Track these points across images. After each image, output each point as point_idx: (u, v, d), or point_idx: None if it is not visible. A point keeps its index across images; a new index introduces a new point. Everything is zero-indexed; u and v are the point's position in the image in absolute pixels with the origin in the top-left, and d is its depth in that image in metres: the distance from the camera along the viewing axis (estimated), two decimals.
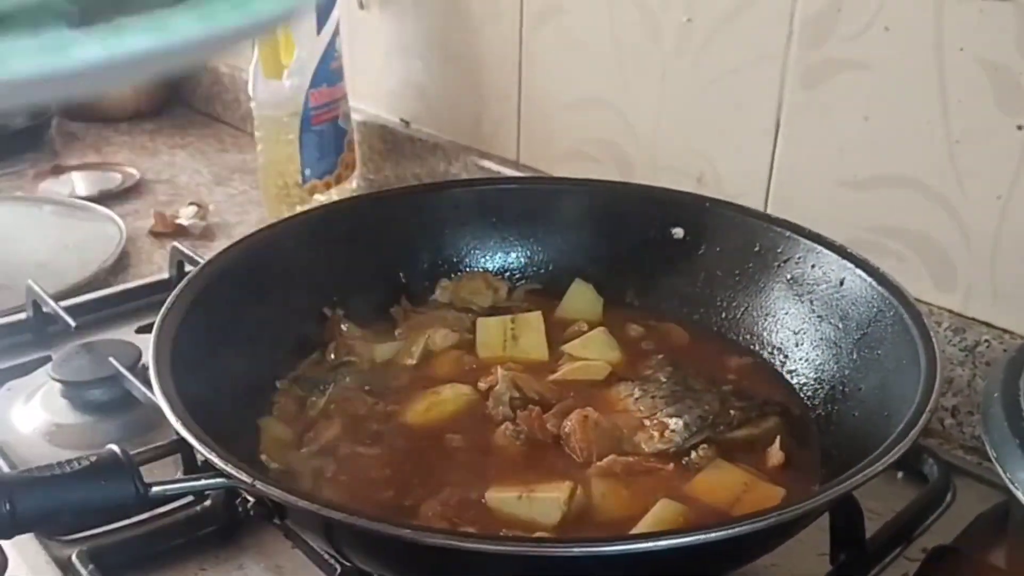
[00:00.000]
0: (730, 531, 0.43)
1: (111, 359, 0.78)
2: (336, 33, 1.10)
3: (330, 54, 1.10)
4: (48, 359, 0.82)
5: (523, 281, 0.83)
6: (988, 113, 0.71)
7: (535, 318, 0.76)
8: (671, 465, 0.61)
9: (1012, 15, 0.68)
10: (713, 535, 0.42)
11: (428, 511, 0.57)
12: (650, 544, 0.42)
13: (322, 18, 1.07)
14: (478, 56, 1.11)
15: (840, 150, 0.81)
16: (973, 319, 0.77)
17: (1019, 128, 0.70)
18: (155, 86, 1.56)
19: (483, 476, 0.60)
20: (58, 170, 1.33)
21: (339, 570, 0.58)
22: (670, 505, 0.57)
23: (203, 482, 0.50)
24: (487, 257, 0.83)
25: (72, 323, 0.86)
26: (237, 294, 0.69)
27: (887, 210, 0.79)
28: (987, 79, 0.71)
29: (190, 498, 0.67)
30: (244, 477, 0.46)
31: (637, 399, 0.66)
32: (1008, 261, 0.74)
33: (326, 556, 0.61)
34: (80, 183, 1.31)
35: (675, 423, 0.63)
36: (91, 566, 0.61)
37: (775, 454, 0.61)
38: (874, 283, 0.65)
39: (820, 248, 0.70)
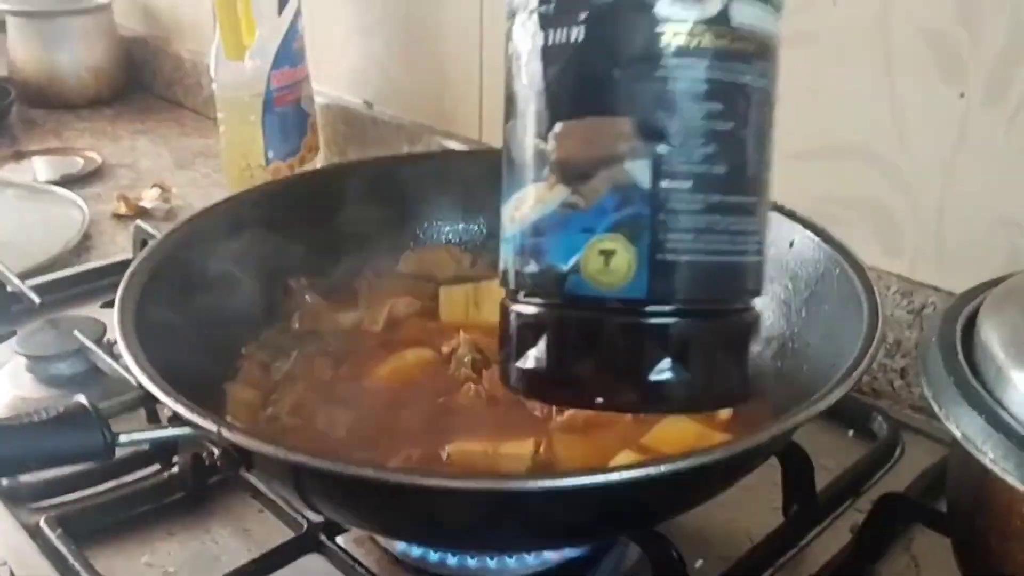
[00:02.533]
0: (681, 464, 0.45)
1: (76, 333, 0.79)
2: (298, 13, 1.11)
3: (292, 34, 1.10)
4: (13, 335, 0.82)
5: (485, 252, 0.85)
6: (931, 82, 0.74)
7: (496, 286, 0.77)
8: (628, 417, 0.63)
9: None
10: (666, 468, 0.44)
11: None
12: (608, 477, 0.44)
13: None
14: (440, 37, 1.13)
15: (790, 121, 0.83)
16: (920, 283, 0.79)
17: (961, 96, 0.73)
18: (115, 71, 1.56)
19: (447, 434, 0.62)
20: (19, 156, 1.33)
21: (306, 527, 0.60)
22: (631, 456, 0.59)
23: (170, 431, 0.51)
24: (449, 227, 0.84)
25: (37, 300, 0.86)
26: (200, 264, 0.69)
27: (836, 180, 0.82)
28: (930, 49, 0.74)
29: (157, 465, 0.68)
30: (209, 425, 0.47)
31: None
32: (952, 226, 0.77)
33: (294, 514, 0.62)
34: (42, 168, 1.31)
35: None
36: (59, 531, 0.61)
37: (723, 411, 0.63)
38: (821, 242, 0.67)
39: (771, 213, 0.72)
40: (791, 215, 0.71)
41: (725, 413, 0.63)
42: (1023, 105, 0.70)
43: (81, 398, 0.49)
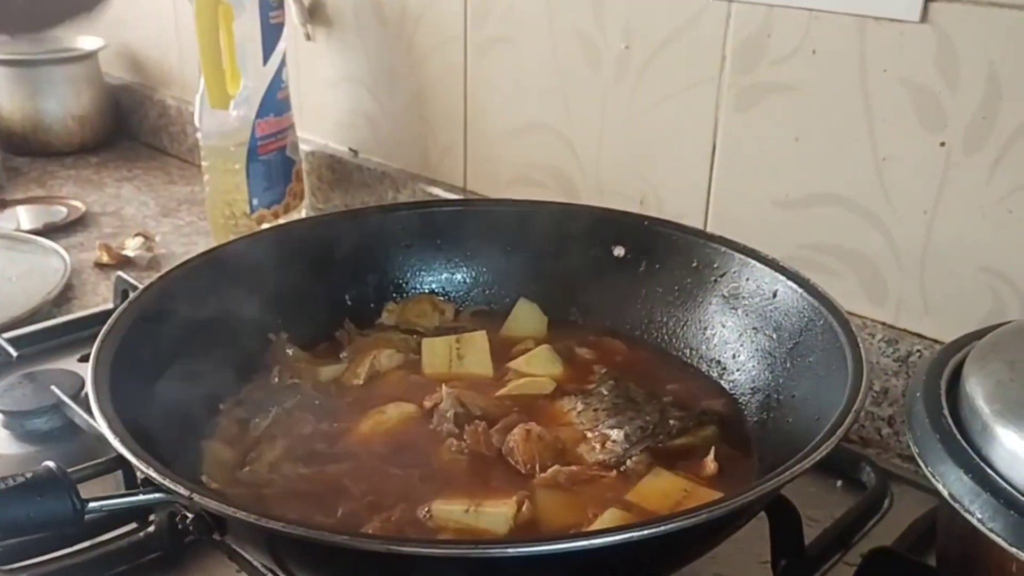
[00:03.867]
0: (665, 527, 0.44)
1: (53, 388, 0.78)
2: (283, 63, 1.11)
3: (277, 84, 1.10)
4: None
5: (469, 303, 0.84)
6: (912, 131, 0.74)
7: (480, 337, 0.77)
8: (613, 473, 0.62)
9: (930, 37, 0.72)
10: (649, 531, 0.43)
11: (370, 529, 0.57)
12: (590, 542, 0.43)
13: (268, 48, 1.08)
14: (424, 85, 1.13)
15: (773, 170, 0.83)
16: (905, 330, 0.79)
17: (941, 145, 0.73)
18: (101, 119, 1.56)
19: (429, 491, 0.60)
20: (2, 204, 1.32)
21: None
22: (618, 514, 0.58)
23: (141, 497, 0.50)
24: (432, 279, 0.84)
25: (14, 354, 0.85)
26: (179, 317, 0.69)
27: (820, 227, 0.82)
28: (909, 99, 0.74)
29: (133, 525, 0.66)
30: (182, 490, 0.46)
31: (580, 412, 0.67)
32: (935, 273, 0.76)
33: None
34: (24, 217, 1.30)
35: (616, 434, 0.64)
36: None
37: (710, 464, 0.63)
38: (805, 293, 0.67)
39: (754, 262, 0.72)
40: (774, 264, 0.71)
41: (710, 469, 0.63)
42: (1003, 154, 0.70)
43: (50, 463, 0.48)
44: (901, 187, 0.76)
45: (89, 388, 0.55)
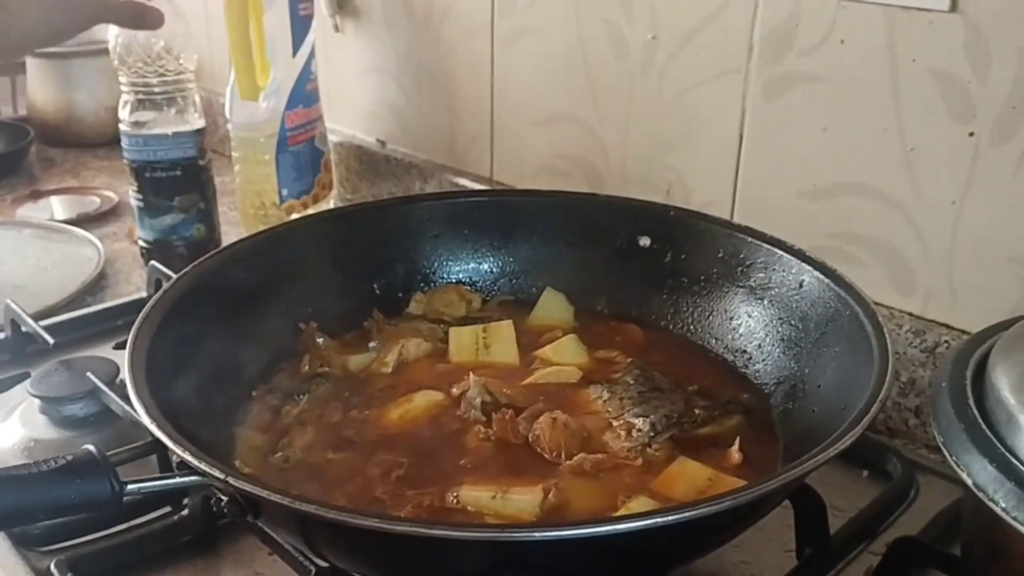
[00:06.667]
0: (691, 513, 0.44)
1: (89, 374, 0.79)
2: (312, 55, 1.12)
3: (306, 76, 1.12)
4: (27, 376, 0.83)
5: (495, 292, 0.85)
6: (940, 121, 0.74)
7: (506, 326, 0.78)
8: (639, 461, 0.62)
9: (960, 26, 0.71)
10: (675, 517, 0.44)
11: (400, 514, 0.58)
12: (617, 527, 0.44)
13: (298, 40, 1.09)
14: (451, 76, 1.14)
15: (801, 160, 0.83)
16: (933, 321, 0.79)
17: (970, 135, 0.73)
18: None
19: (456, 478, 0.61)
20: (36, 195, 1.34)
21: (314, 572, 0.60)
22: (647, 501, 0.59)
23: (177, 480, 0.51)
24: (460, 268, 0.85)
25: (51, 341, 0.87)
26: (212, 306, 0.70)
27: (847, 217, 0.82)
28: (938, 88, 0.74)
29: (168, 508, 0.68)
30: (217, 473, 0.47)
31: (606, 401, 0.68)
32: (964, 264, 0.76)
33: (302, 559, 0.62)
34: (58, 207, 1.32)
35: (642, 423, 0.64)
36: (69, 575, 0.61)
37: (734, 454, 0.63)
38: (831, 284, 0.67)
39: (780, 252, 0.72)
40: (800, 255, 0.71)
41: (734, 459, 0.63)
42: None
43: (90, 447, 0.49)
44: (929, 177, 0.76)
45: (126, 375, 0.56)
